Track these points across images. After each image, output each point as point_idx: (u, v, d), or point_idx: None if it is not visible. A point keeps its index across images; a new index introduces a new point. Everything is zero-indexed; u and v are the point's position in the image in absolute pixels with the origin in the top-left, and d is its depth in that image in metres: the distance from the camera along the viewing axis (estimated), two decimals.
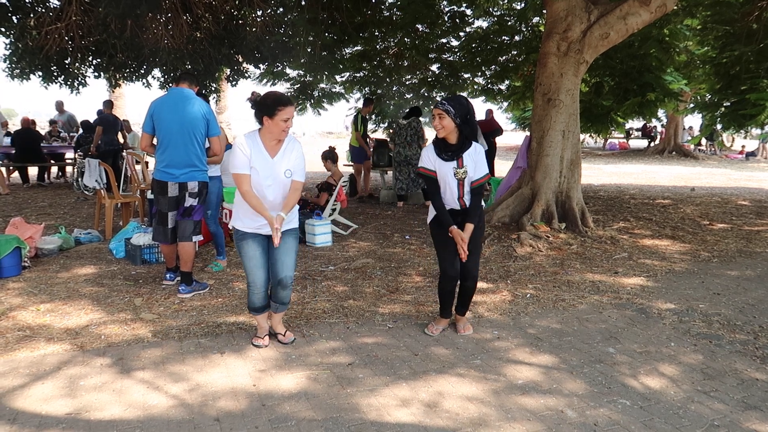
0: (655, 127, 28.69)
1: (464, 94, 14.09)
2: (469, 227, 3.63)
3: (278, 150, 3.43)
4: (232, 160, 3.39)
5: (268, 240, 3.54)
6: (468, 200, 3.71)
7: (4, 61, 9.49)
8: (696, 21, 9.88)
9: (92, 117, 13.02)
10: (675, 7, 7.86)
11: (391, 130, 12.39)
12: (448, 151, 3.62)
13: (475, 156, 3.65)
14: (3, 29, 8.84)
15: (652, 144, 27.22)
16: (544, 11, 8.38)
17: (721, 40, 9.67)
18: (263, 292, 3.58)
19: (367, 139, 11.12)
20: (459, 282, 3.83)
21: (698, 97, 17.21)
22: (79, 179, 10.62)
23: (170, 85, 10.89)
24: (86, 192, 10.29)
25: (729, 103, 9.97)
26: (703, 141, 25.17)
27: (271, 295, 3.66)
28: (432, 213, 3.80)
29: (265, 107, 3.32)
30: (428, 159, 3.68)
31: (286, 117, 3.31)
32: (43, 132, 14.00)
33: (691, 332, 3.99)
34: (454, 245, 3.66)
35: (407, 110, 10.03)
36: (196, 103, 4.68)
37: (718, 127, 12.51)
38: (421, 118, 9.84)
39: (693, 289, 5.03)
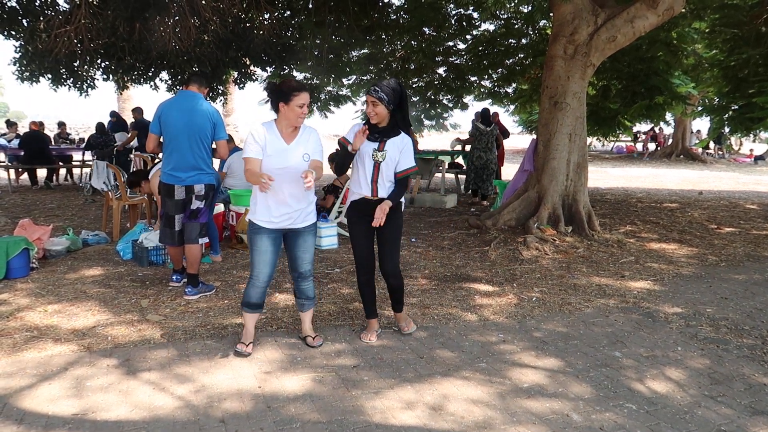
0: (654, 129, 28.55)
1: (471, 97, 14.12)
2: (386, 203, 3.53)
3: (294, 137, 3.45)
4: (245, 145, 3.41)
5: (283, 236, 3.56)
6: (382, 189, 3.62)
7: (14, 64, 9.56)
8: (704, 24, 9.85)
9: (102, 119, 13.11)
10: (683, 10, 7.83)
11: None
12: (375, 132, 3.59)
13: (401, 146, 3.60)
14: (13, 32, 8.92)
15: (655, 148, 27.08)
16: (551, 14, 8.37)
17: (729, 43, 9.63)
18: (263, 288, 3.56)
19: None
20: (385, 282, 3.84)
21: (706, 101, 17.15)
22: (91, 182, 10.70)
23: (178, 87, 10.95)
24: (96, 192, 10.36)
25: (737, 107, 9.92)
26: (711, 144, 25.04)
27: (295, 293, 3.72)
28: (347, 205, 3.76)
29: (281, 93, 3.34)
30: (352, 132, 3.59)
31: (301, 102, 3.33)
32: (52, 135, 14.10)
33: (698, 336, 3.97)
34: (364, 234, 3.70)
35: (482, 116, 10.37)
36: (203, 106, 4.71)
37: (726, 130, 12.45)
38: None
39: (700, 293, 5.00)
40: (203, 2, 8.34)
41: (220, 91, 12.01)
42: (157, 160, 7.23)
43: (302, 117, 3.39)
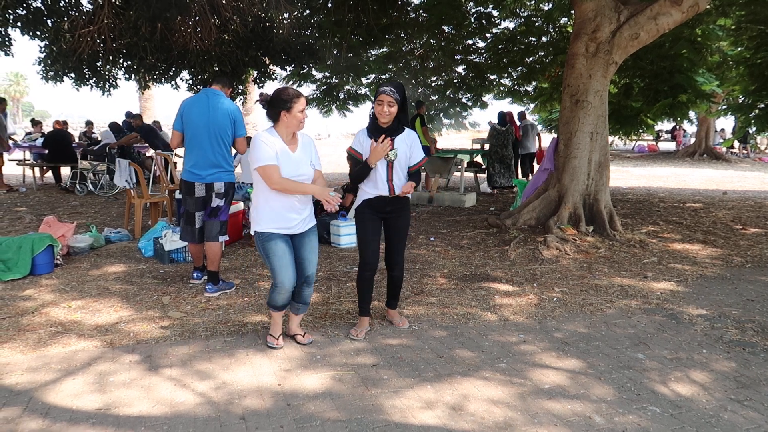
0: (676, 127, 28.13)
1: (491, 95, 14.04)
2: (411, 184, 3.65)
3: (296, 145, 3.50)
4: (257, 153, 3.36)
5: (294, 240, 3.56)
6: (398, 185, 3.70)
7: (39, 64, 9.73)
8: (729, 21, 9.65)
9: (118, 119, 13.31)
10: (707, 7, 7.68)
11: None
12: (382, 133, 3.63)
13: (408, 141, 3.72)
14: (38, 33, 9.07)
15: (675, 147, 26.67)
16: (572, 12, 8.28)
17: (756, 40, 9.43)
18: (290, 292, 3.55)
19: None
20: (387, 273, 3.89)
21: (731, 99, 16.83)
22: (86, 182, 10.86)
23: (198, 87, 11.05)
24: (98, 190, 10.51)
25: (763, 105, 9.72)
26: (735, 143, 24.57)
27: (294, 295, 3.65)
28: (357, 203, 3.81)
29: (281, 102, 3.37)
30: (359, 141, 3.72)
31: (301, 108, 3.39)
32: (76, 133, 14.32)
33: (724, 339, 3.90)
34: (375, 232, 3.75)
35: (498, 117, 11.73)
36: (225, 104, 4.75)
37: (752, 129, 12.22)
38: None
39: (725, 295, 4.91)
40: (224, 2, 8.41)
41: (239, 91, 12.10)
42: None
43: (303, 123, 3.44)
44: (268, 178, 3.34)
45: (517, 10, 10.83)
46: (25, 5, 8.71)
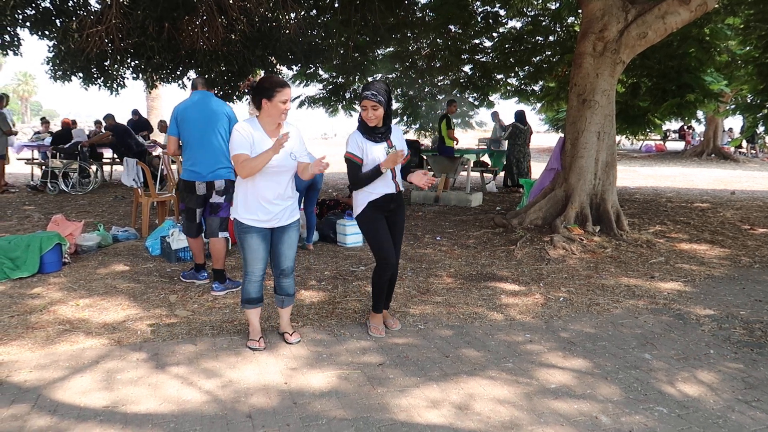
0: (684, 126, 27.97)
1: (497, 95, 14.02)
2: (407, 156, 3.67)
3: (278, 134, 3.43)
4: (231, 143, 3.38)
5: (271, 234, 3.55)
6: (400, 181, 3.81)
7: (47, 63, 9.79)
8: (738, 20, 9.60)
9: (124, 119, 13.42)
10: (716, 6, 7.64)
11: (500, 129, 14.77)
12: (378, 133, 3.64)
13: (398, 135, 3.79)
14: (47, 32, 9.13)
15: (684, 147, 26.51)
16: (580, 11, 8.25)
17: (765, 39, 9.38)
18: (260, 282, 3.60)
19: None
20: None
21: (739, 99, 16.74)
22: (58, 180, 10.90)
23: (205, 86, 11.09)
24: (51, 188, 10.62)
25: None
26: (744, 143, 24.41)
27: (276, 289, 3.69)
28: (359, 206, 3.77)
29: (263, 90, 3.33)
30: (356, 145, 3.65)
31: (284, 98, 3.32)
32: (86, 132, 14.39)
33: (731, 339, 3.88)
34: (387, 231, 3.75)
35: (519, 116, 12.03)
36: (219, 103, 4.93)
37: (760, 129, 12.15)
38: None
39: (733, 296, 4.88)
40: (230, 2, 8.44)
41: (245, 91, 12.12)
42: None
43: (285, 113, 3.38)
44: (236, 165, 3.35)
45: (524, 9, 10.83)
46: (33, 5, 8.77)
